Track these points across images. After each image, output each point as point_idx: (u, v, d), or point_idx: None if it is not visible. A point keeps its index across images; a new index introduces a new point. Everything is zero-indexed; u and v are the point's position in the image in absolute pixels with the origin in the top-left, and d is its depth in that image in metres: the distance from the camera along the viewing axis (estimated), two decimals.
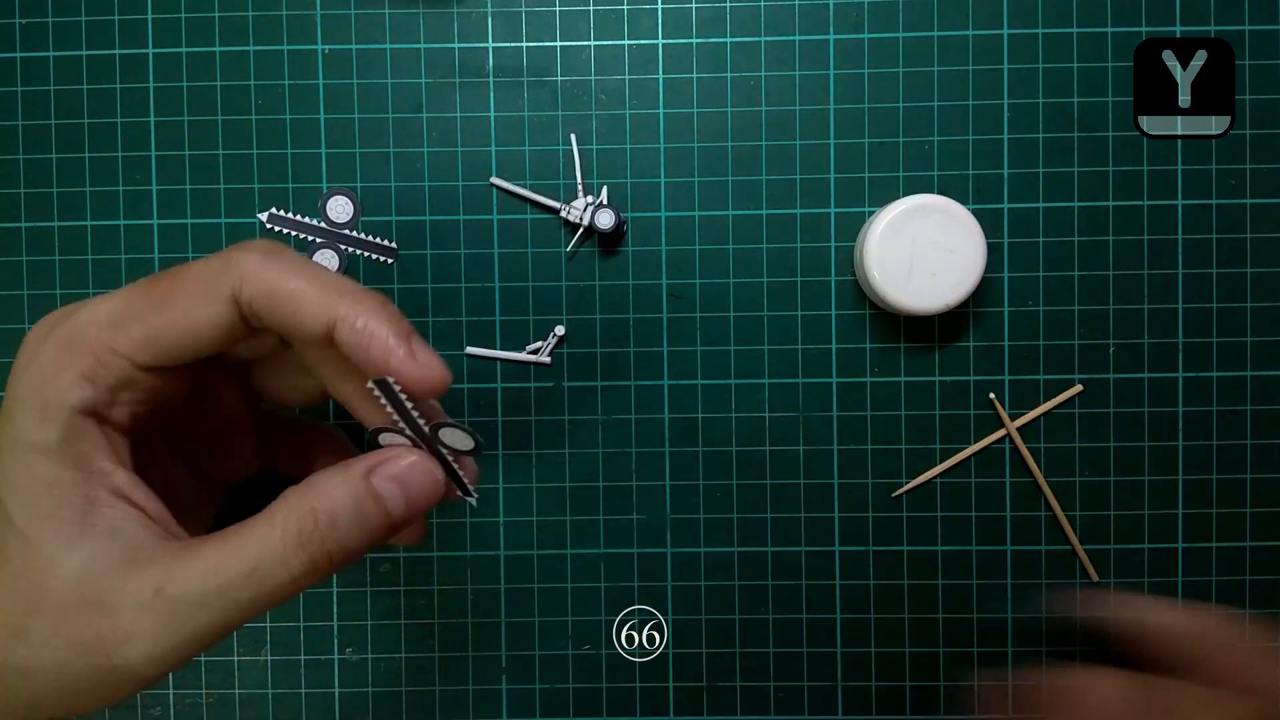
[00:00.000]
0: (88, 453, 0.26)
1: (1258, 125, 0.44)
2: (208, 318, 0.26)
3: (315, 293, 0.26)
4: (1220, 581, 0.45)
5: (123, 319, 0.26)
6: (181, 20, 0.45)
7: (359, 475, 0.27)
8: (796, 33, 0.45)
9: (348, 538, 0.26)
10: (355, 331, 0.26)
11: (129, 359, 0.26)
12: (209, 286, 0.26)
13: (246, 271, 0.26)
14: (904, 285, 0.41)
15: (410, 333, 0.27)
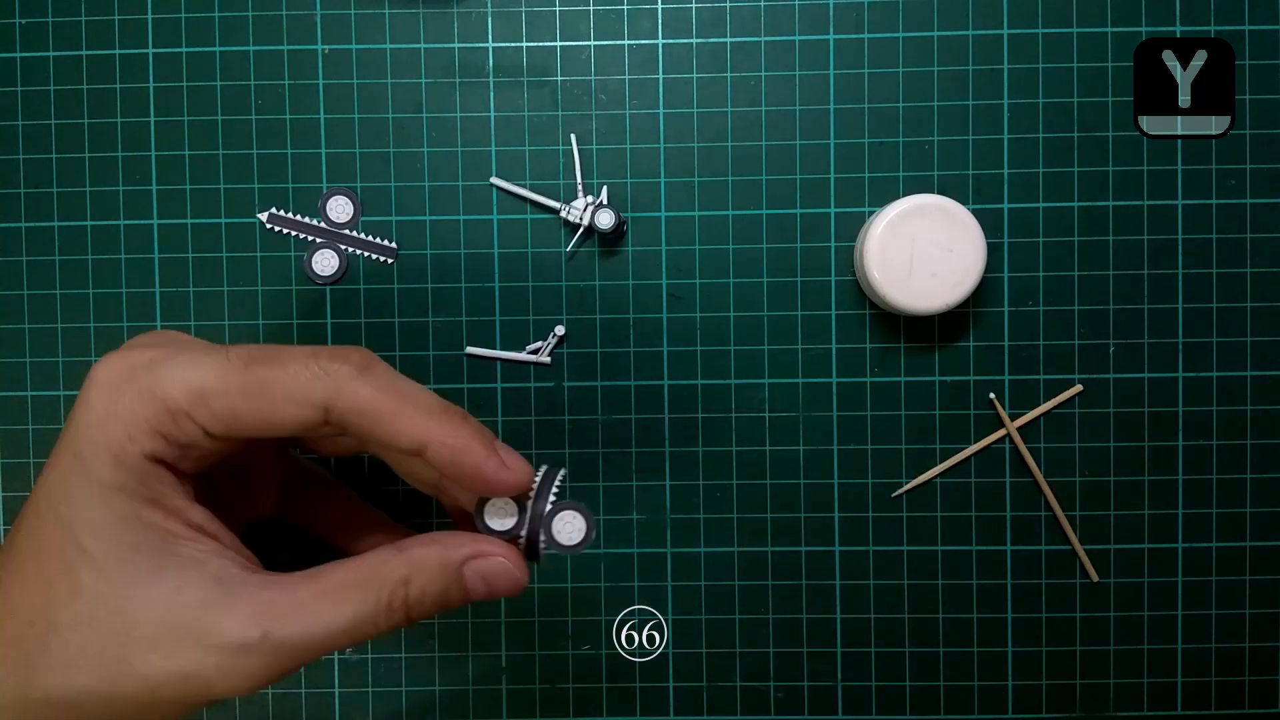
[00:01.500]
0: (163, 493, 0.27)
1: (1258, 125, 0.44)
2: (294, 419, 0.27)
3: (407, 415, 0.28)
4: (1220, 581, 0.45)
5: (211, 395, 0.27)
6: (181, 20, 0.45)
7: (456, 562, 0.29)
8: (796, 33, 0.45)
9: (429, 610, 0.29)
10: (449, 450, 0.28)
11: (204, 429, 0.27)
12: (304, 395, 0.27)
13: (344, 389, 0.27)
14: (904, 285, 0.41)
15: (494, 441, 0.30)
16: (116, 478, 0.26)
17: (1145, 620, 0.45)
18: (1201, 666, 0.45)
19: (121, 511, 0.26)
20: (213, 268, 0.45)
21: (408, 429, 0.28)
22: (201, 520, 0.28)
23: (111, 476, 0.26)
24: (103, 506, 0.26)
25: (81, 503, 0.26)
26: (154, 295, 0.45)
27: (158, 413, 0.26)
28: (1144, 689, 0.45)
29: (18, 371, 0.45)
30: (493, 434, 0.30)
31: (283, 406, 0.27)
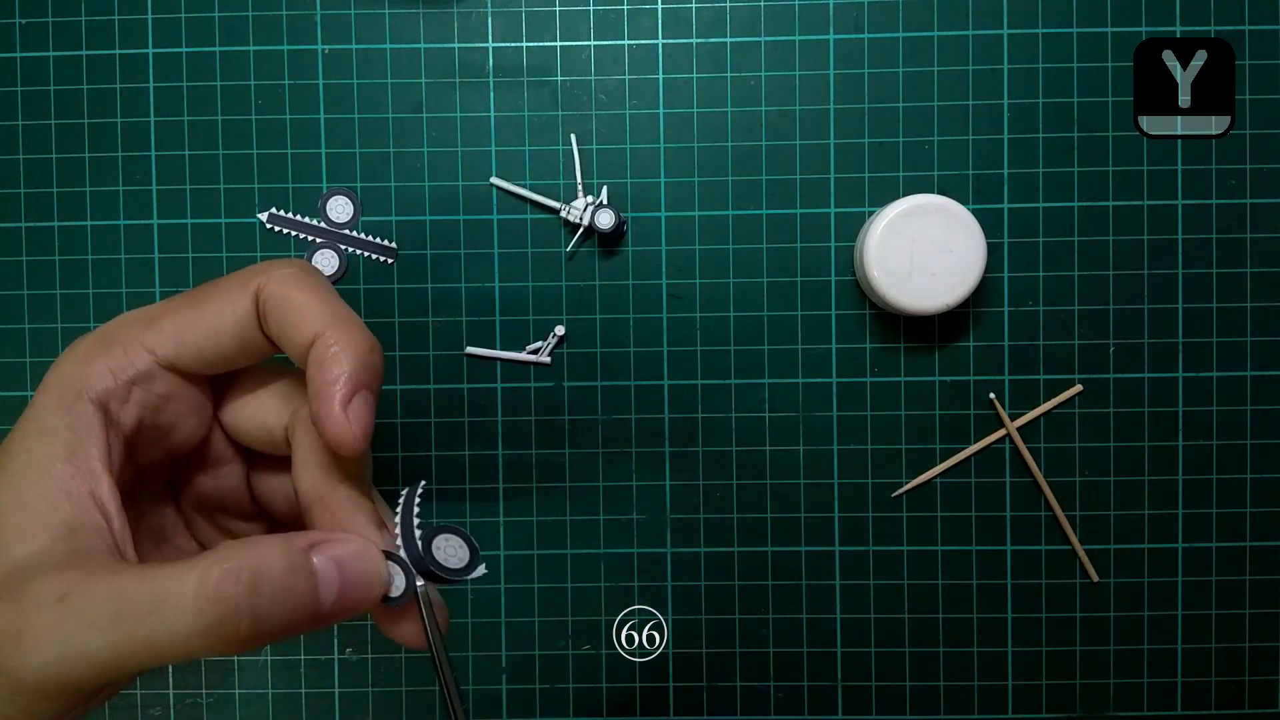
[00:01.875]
0: (84, 445, 0.26)
1: (1258, 125, 0.44)
2: (231, 314, 0.27)
3: (317, 308, 0.27)
4: (1220, 581, 0.45)
5: (156, 316, 0.27)
6: (181, 20, 0.45)
7: (300, 546, 0.25)
8: (796, 33, 0.45)
9: (265, 607, 0.24)
10: (325, 351, 0.26)
11: (153, 352, 0.27)
12: (238, 287, 0.27)
13: (274, 275, 0.27)
14: (904, 285, 0.41)
15: (365, 386, 0.27)
16: (50, 421, 0.26)
17: (1145, 620, 0.45)
18: (1201, 666, 0.45)
19: (38, 460, 0.26)
20: (213, 268, 0.45)
21: (311, 321, 0.27)
22: (104, 494, 0.26)
23: (47, 419, 0.26)
24: (24, 454, 0.26)
25: (13, 449, 0.26)
26: (154, 295, 0.45)
27: (107, 346, 0.27)
28: (1144, 689, 0.45)
29: (18, 371, 0.45)
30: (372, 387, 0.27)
31: (222, 303, 0.27)
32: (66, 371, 0.27)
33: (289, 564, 0.24)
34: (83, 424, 0.26)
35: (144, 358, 0.27)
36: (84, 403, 0.26)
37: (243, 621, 0.23)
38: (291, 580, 0.24)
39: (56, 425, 0.26)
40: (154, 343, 0.27)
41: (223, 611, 0.23)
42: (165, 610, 0.23)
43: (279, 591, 0.24)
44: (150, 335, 0.27)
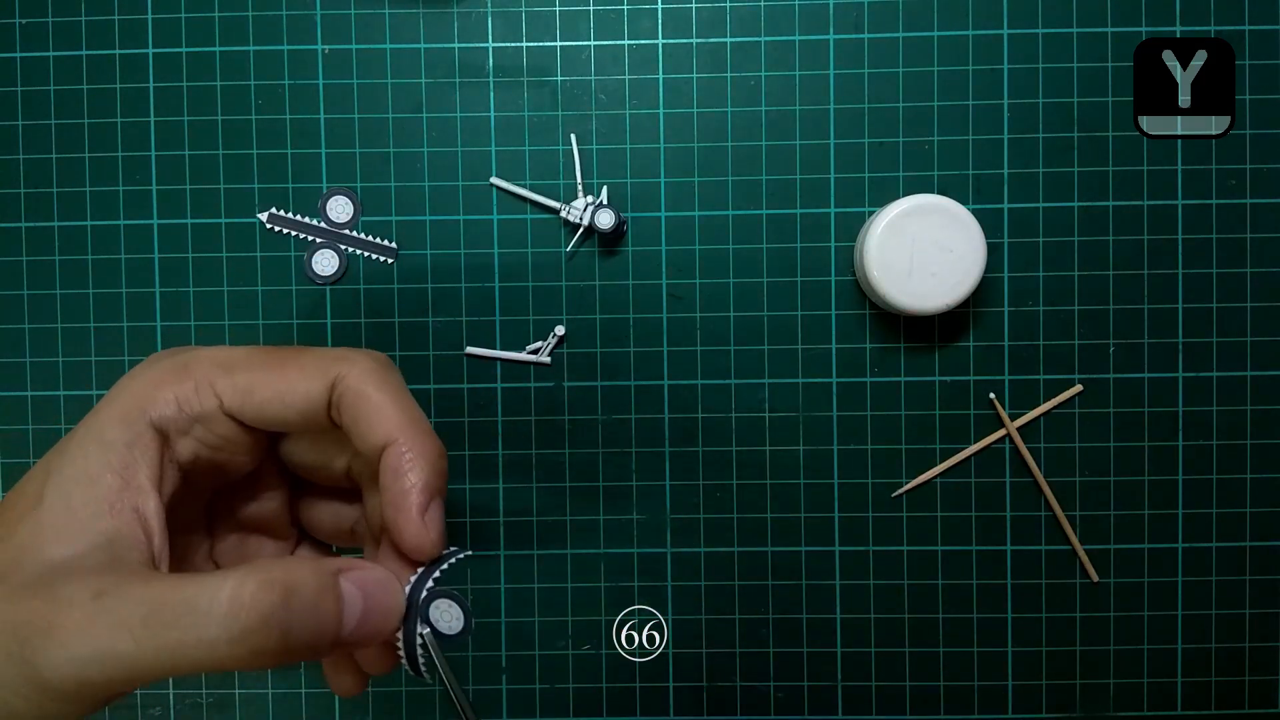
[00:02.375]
0: (137, 464, 0.27)
1: (1258, 125, 0.44)
2: (304, 391, 0.28)
3: (392, 413, 0.28)
4: (1220, 581, 0.45)
5: (235, 365, 0.28)
6: (181, 20, 0.45)
7: (330, 569, 0.26)
8: (796, 33, 0.45)
9: (295, 623, 0.24)
10: (399, 460, 0.28)
11: (220, 398, 0.28)
12: (319, 367, 0.28)
13: (355, 369, 0.28)
14: (904, 285, 0.41)
15: (437, 493, 0.28)
16: (110, 434, 0.27)
17: (1145, 620, 0.45)
18: (1201, 666, 0.45)
19: (89, 470, 0.26)
20: (213, 268, 0.45)
21: (385, 424, 0.28)
22: (150, 512, 0.27)
23: (107, 431, 0.27)
24: (80, 461, 0.26)
25: (68, 453, 0.27)
26: (154, 295, 0.45)
27: (182, 377, 0.27)
28: (1144, 689, 0.45)
29: (18, 371, 0.45)
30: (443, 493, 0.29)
31: (296, 378, 0.28)
32: (136, 389, 0.27)
33: (320, 584, 0.26)
34: (141, 442, 0.27)
35: (211, 400, 0.28)
36: (145, 423, 0.27)
37: (272, 633, 0.24)
38: (321, 599, 0.25)
39: (115, 439, 0.27)
40: (224, 389, 0.28)
41: (255, 620, 0.24)
42: (197, 615, 0.24)
43: (308, 609, 0.25)
44: (223, 381, 0.28)
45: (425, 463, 0.28)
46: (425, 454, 0.28)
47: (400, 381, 0.29)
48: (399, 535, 0.28)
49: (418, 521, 0.27)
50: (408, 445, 0.28)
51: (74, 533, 0.26)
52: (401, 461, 0.28)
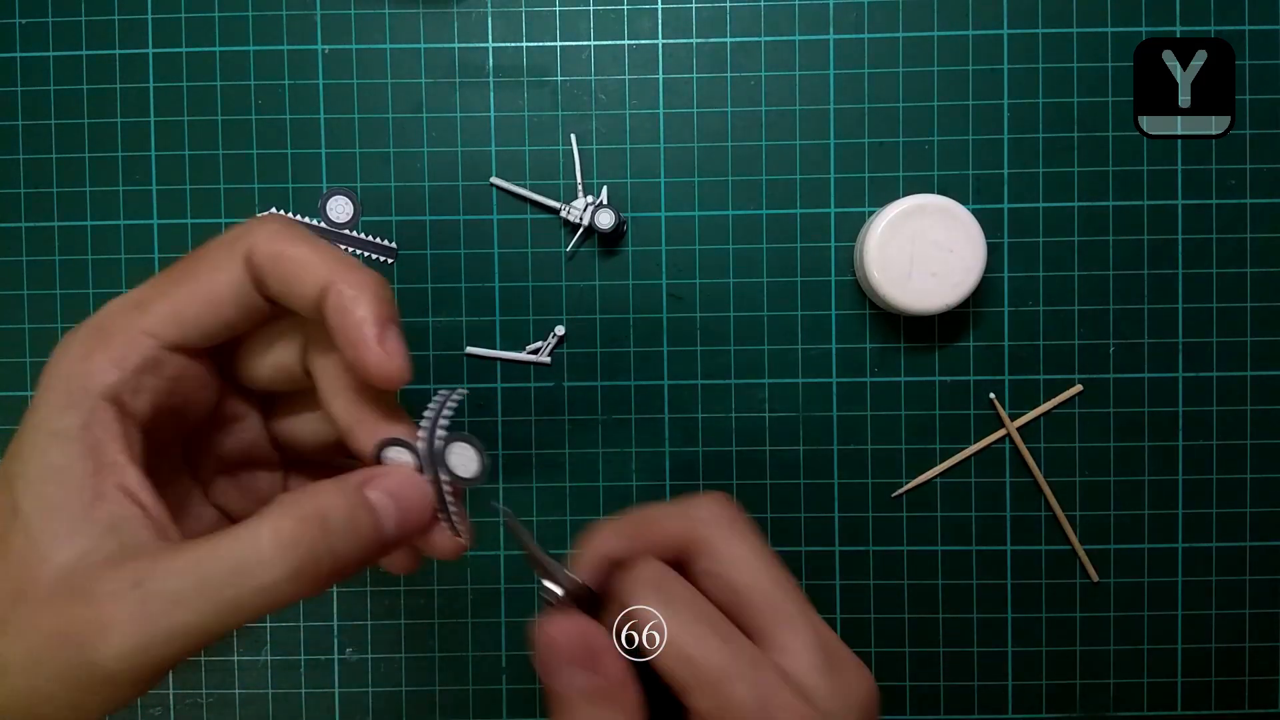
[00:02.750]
0: (103, 442, 0.26)
1: (1258, 125, 0.44)
2: (226, 283, 0.27)
3: (318, 260, 0.27)
4: (1220, 581, 0.45)
5: (147, 299, 0.27)
6: (181, 20, 0.45)
7: (354, 486, 0.26)
8: (796, 33, 0.45)
9: (339, 545, 0.25)
10: (342, 298, 0.27)
11: (155, 337, 0.27)
12: (225, 254, 0.27)
13: (259, 237, 0.27)
14: (904, 285, 0.41)
15: (390, 320, 0.27)
16: (62, 422, 0.26)
17: (1145, 620, 0.45)
18: (1201, 666, 0.45)
19: (55, 463, 0.26)
20: None
21: (314, 273, 0.27)
22: (134, 483, 0.26)
23: (58, 421, 0.26)
24: (40, 458, 0.26)
25: (25, 454, 0.26)
26: None
27: (104, 338, 0.27)
28: (1144, 689, 0.45)
29: (18, 371, 0.45)
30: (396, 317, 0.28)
31: (213, 274, 0.27)
32: (67, 370, 0.26)
33: (350, 502, 0.26)
34: (97, 421, 0.26)
35: (146, 344, 0.27)
36: (93, 399, 0.26)
37: (321, 560, 0.25)
38: (356, 516, 0.26)
39: (69, 426, 0.26)
40: (152, 327, 0.27)
41: (304, 555, 0.25)
42: (249, 569, 0.24)
43: (348, 528, 0.26)
44: (147, 320, 0.27)
45: (368, 293, 0.27)
46: (364, 285, 0.27)
47: (308, 232, 0.28)
48: (364, 370, 0.27)
49: (377, 350, 0.27)
50: (344, 282, 0.27)
51: (70, 530, 0.25)
52: (343, 299, 0.27)
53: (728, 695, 0.26)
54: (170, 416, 0.28)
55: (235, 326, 0.28)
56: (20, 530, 0.25)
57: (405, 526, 0.27)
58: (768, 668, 0.27)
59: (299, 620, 0.45)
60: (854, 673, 0.29)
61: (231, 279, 0.27)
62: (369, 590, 0.45)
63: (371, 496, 0.27)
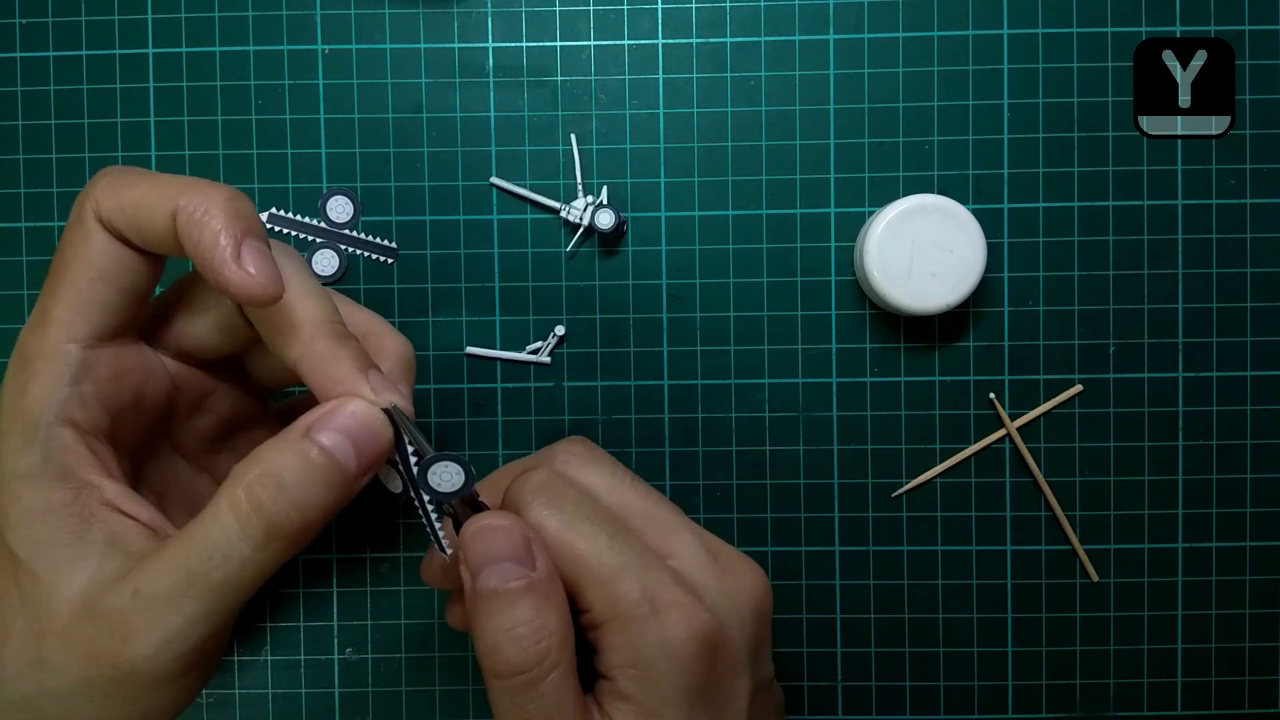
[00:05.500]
0: (72, 466, 0.26)
1: (1258, 125, 0.44)
2: (97, 254, 0.26)
3: (157, 191, 0.26)
4: (1220, 581, 0.45)
5: (43, 310, 0.26)
6: (181, 20, 0.45)
7: (298, 434, 0.26)
8: (796, 33, 0.45)
9: (300, 496, 0.25)
10: (189, 221, 0.25)
11: (70, 341, 0.26)
12: (77, 228, 0.26)
13: (97, 194, 0.26)
14: (904, 285, 0.41)
15: (248, 234, 0.26)
16: (24, 462, 0.26)
17: (1145, 620, 0.45)
18: (1201, 666, 0.45)
19: (31, 505, 0.25)
20: None
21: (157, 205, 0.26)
22: (115, 496, 0.26)
23: (19, 462, 0.26)
24: (16, 503, 0.26)
25: (4, 504, 0.26)
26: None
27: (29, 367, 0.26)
28: (1144, 689, 0.45)
29: None
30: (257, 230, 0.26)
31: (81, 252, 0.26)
32: (10, 410, 0.26)
33: (298, 451, 0.25)
34: (58, 449, 0.26)
35: (68, 353, 0.26)
36: (44, 429, 0.26)
37: (291, 517, 0.25)
38: (308, 464, 0.25)
39: (30, 464, 0.25)
40: (62, 334, 0.26)
41: (267, 520, 0.25)
42: (222, 547, 0.24)
43: (304, 478, 0.25)
44: (54, 330, 0.26)
45: (216, 209, 0.25)
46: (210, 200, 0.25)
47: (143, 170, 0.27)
48: (229, 292, 0.25)
49: (235, 269, 0.25)
50: (189, 204, 0.25)
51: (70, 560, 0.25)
52: (190, 222, 0.25)
53: (616, 591, 0.26)
54: (130, 413, 0.28)
55: (137, 290, 0.27)
56: (25, 575, 0.25)
57: (365, 459, 0.26)
58: (656, 565, 0.27)
59: (299, 620, 0.46)
60: (743, 570, 0.29)
61: (93, 245, 0.26)
62: (369, 590, 0.45)
63: (323, 439, 0.25)
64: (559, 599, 0.27)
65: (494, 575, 0.26)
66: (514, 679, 0.26)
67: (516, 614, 0.26)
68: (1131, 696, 0.45)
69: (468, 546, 0.26)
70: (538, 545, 0.26)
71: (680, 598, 0.27)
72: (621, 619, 0.26)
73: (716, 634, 0.27)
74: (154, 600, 0.25)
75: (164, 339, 0.30)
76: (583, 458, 0.30)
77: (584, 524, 0.27)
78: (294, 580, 0.45)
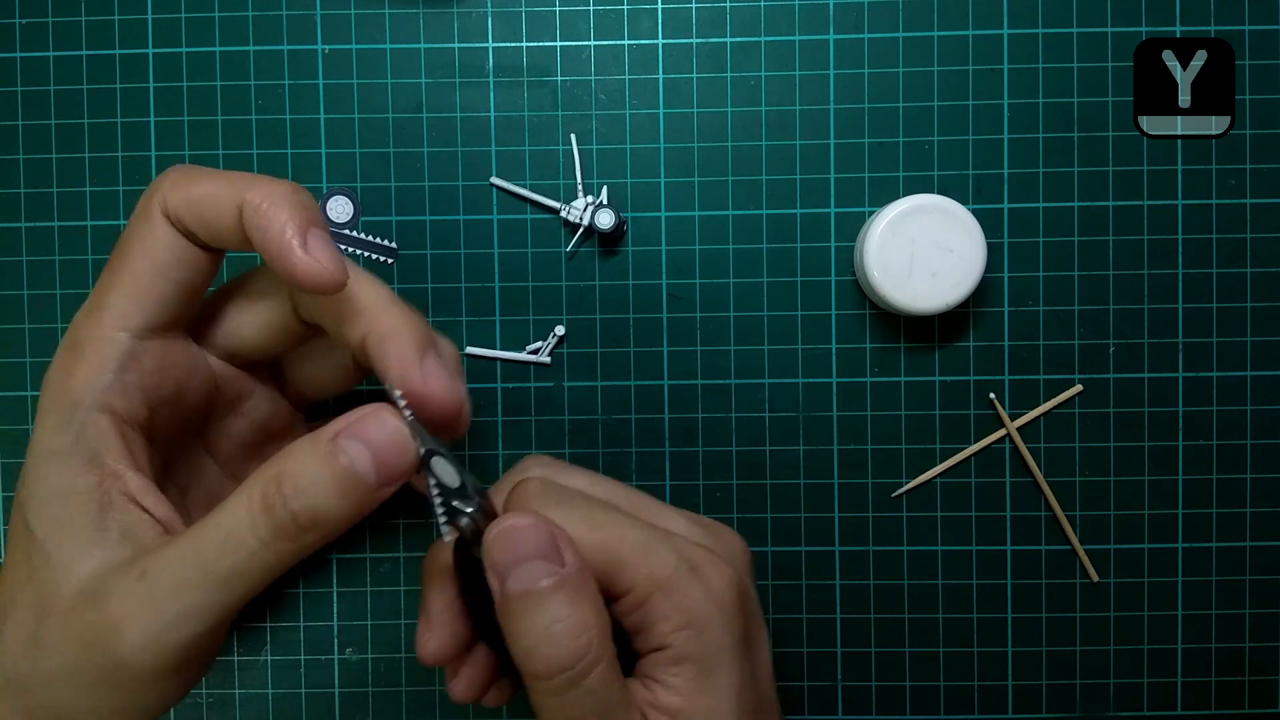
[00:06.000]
0: (100, 453, 0.26)
1: (1258, 125, 0.44)
2: (159, 247, 0.27)
3: (224, 186, 0.26)
4: (1220, 581, 0.45)
5: (100, 297, 0.27)
6: (181, 20, 0.45)
7: (326, 439, 0.26)
8: (796, 33, 0.45)
9: (315, 501, 0.25)
10: (256, 213, 0.26)
11: (123, 330, 0.27)
12: (143, 221, 0.27)
13: (165, 189, 0.27)
14: (904, 285, 0.41)
15: (311, 223, 0.26)
16: (58, 441, 0.26)
17: (1145, 620, 0.45)
18: (1201, 666, 0.45)
19: (57, 484, 0.26)
20: None
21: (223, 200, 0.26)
22: (137, 490, 0.27)
23: (54, 440, 0.26)
24: (43, 481, 0.26)
25: (29, 477, 0.26)
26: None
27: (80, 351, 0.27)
28: (1144, 689, 0.45)
29: (18, 371, 0.45)
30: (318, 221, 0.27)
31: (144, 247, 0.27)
32: (55, 391, 0.27)
33: (319, 456, 0.25)
34: (91, 434, 0.26)
35: (118, 340, 0.27)
36: (83, 412, 0.26)
37: (299, 518, 0.25)
38: (326, 471, 0.25)
39: (63, 444, 0.26)
40: (115, 322, 0.27)
41: (279, 519, 0.25)
42: (235, 539, 0.25)
43: (322, 485, 0.25)
44: (107, 317, 0.27)
45: (281, 201, 0.26)
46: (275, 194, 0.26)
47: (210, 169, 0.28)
48: (295, 280, 0.26)
49: (304, 257, 0.26)
50: (255, 197, 0.26)
51: (84, 543, 0.26)
52: (258, 215, 0.26)
53: (654, 563, 0.27)
54: (169, 407, 0.28)
55: (196, 284, 0.28)
56: (39, 552, 0.26)
57: (385, 470, 0.26)
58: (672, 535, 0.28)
59: (299, 620, 0.46)
60: (728, 533, 0.31)
61: (161, 242, 0.27)
62: (369, 590, 0.46)
63: (344, 445, 0.25)
64: (592, 592, 0.26)
65: (523, 576, 0.26)
66: (557, 678, 0.25)
67: (551, 612, 0.25)
68: (1131, 696, 0.45)
69: (493, 550, 0.26)
70: (563, 541, 0.26)
71: (706, 556, 0.28)
72: (666, 586, 0.27)
73: (744, 584, 0.28)
74: (158, 584, 0.25)
75: (211, 337, 0.31)
76: (554, 466, 0.31)
77: (599, 513, 0.28)
78: (294, 580, 0.45)
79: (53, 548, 0.26)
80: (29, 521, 0.26)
